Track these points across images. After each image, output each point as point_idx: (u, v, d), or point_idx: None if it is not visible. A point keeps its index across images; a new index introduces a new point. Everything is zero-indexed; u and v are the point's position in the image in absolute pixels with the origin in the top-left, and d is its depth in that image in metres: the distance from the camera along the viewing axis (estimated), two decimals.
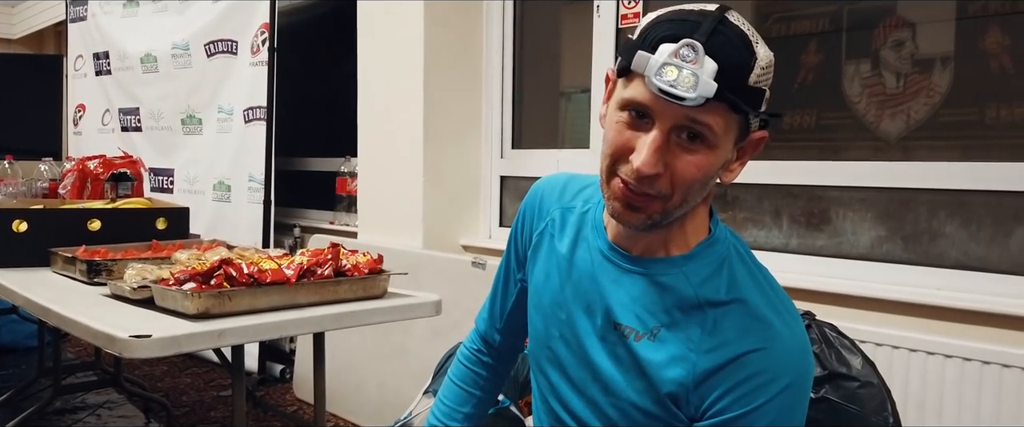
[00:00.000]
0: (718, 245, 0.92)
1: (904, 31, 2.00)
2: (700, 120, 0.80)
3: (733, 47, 0.80)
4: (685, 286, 0.90)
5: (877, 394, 1.13)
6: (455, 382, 1.26)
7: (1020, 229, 1.81)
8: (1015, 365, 1.62)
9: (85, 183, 2.78)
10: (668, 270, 0.91)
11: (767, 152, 2.27)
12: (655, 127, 0.82)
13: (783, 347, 0.84)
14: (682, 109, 0.80)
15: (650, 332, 0.90)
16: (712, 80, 0.78)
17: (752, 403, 0.83)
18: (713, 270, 0.90)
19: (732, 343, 0.85)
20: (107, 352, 1.45)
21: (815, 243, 2.15)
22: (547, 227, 1.07)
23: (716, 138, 0.82)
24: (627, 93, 0.84)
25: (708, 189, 0.89)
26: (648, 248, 0.93)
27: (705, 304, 0.88)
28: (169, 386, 3.45)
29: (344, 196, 3.58)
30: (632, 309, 0.92)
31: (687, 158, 0.82)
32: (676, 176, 0.83)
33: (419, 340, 2.68)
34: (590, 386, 0.97)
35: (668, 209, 0.86)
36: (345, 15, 3.41)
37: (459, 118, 2.98)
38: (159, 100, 3.98)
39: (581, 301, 0.98)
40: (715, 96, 0.78)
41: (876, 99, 2.05)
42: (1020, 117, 1.84)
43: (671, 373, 0.88)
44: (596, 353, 0.95)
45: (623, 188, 0.86)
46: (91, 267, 1.92)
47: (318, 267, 1.69)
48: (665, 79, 0.78)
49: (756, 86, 0.81)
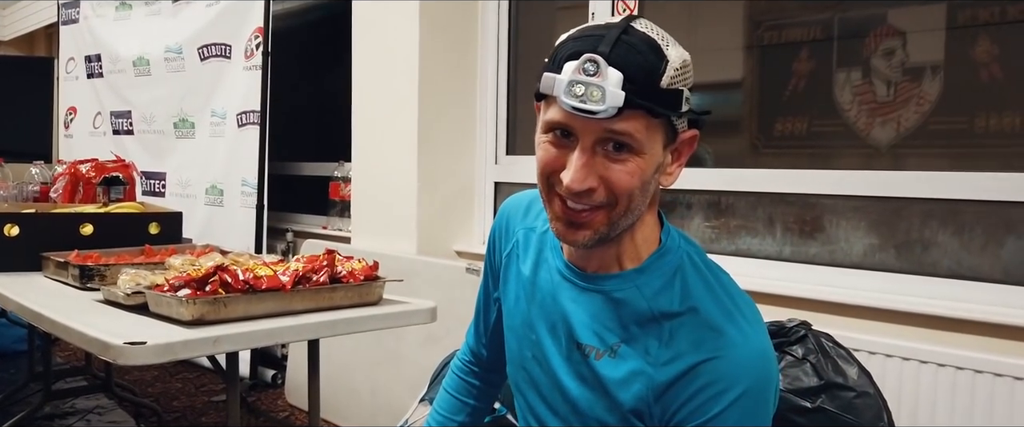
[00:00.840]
0: (669, 255, 0.92)
1: (895, 40, 2.02)
2: (619, 130, 0.81)
3: (638, 54, 0.81)
4: (639, 300, 0.90)
5: (873, 404, 1.14)
6: (449, 392, 1.28)
7: (1012, 238, 1.82)
8: (1007, 374, 1.64)
9: (77, 187, 2.77)
10: (622, 285, 0.92)
11: (760, 160, 2.30)
12: (578, 144, 0.83)
13: (736, 355, 0.84)
14: (599, 123, 0.81)
15: (610, 349, 0.91)
16: (619, 90, 0.78)
17: (709, 413, 0.83)
18: (666, 281, 0.90)
19: (686, 354, 0.86)
20: (98, 357, 1.44)
21: (808, 251, 2.16)
22: (513, 248, 1.08)
23: (641, 145, 0.83)
24: (547, 116, 0.85)
25: (650, 195, 0.89)
26: (602, 264, 0.94)
27: (660, 316, 0.89)
28: (160, 391, 3.43)
29: (337, 201, 3.58)
30: (591, 327, 0.93)
31: (617, 168, 0.83)
32: (612, 186, 0.84)
33: (413, 346, 2.67)
34: (561, 406, 0.98)
35: (613, 218, 0.86)
36: (340, 20, 3.40)
37: (453, 123, 2.98)
38: (151, 103, 3.97)
39: (546, 322, 0.98)
40: (627, 104, 0.79)
41: (867, 107, 2.06)
42: (1009, 126, 1.85)
43: (631, 389, 0.89)
44: (563, 374, 0.96)
45: (563, 207, 0.87)
46: (84, 272, 1.91)
47: (314, 274, 1.69)
48: (574, 96, 0.79)
49: (671, 88, 0.82)
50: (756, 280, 2.13)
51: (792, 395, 1.14)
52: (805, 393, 1.14)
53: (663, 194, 0.96)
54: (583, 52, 0.81)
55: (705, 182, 2.36)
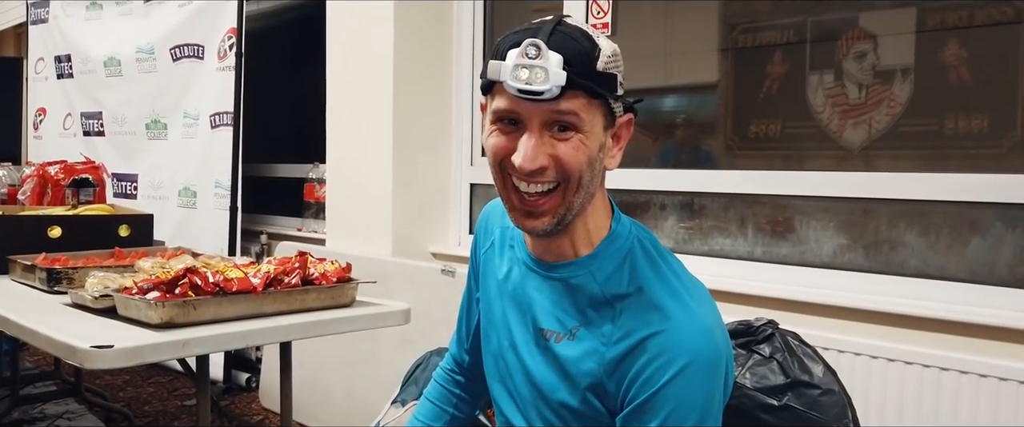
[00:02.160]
0: (619, 240, 0.98)
1: (866, 43, 2.05)
2: (564, 110, 0.87)
3: (574, 40, 0.88)
4: (592, 284, 0.96)
5: (838, 401, 1.16)
6: (430, 400, 1.29)
7: (977, 239, 1.86)
8: (972, 371, 1.66)
9: (45, 189, 2.73)
10: (577, 272, 0.97)
11: (733, 161, 2.32)
12: (527, 128, 0.89)
13: (679, 329, 0.88)
14: (544, 106, 0.86)
15: (569, 332, 0.96)
16: (561, 70, 0.85)
17: (654, 386, 0.87)
18: (616, 265, 0.96)
19: (634, 331, 0.90)
20: (67, 361, 1.42)
21: (779, 251, 2.18)
22: (491, 246, 1.13)
23: (584, 123, 0.88)
24: (495, 105, 0.91)
25: (597, 176, 0.94)
26: (559, 253, 0.99)
27: (611, 299, 0.94)
28: (131, 396, 3.39)
29: (312, 203, 3.56)
30: (553, 313, 0.99)
31: (564, 146, 0.88)
32: (562, 164, 0.89)
33: (388, 348, 2.66)
34: (528, 393, 1.02)
35: (568, 198, 0.91)
36: (314, 20, 3.39)
37: (429, 125, 2.98)
38: (123, 104, 3.92)
39: (517, 311, 1.04)
40: (569, 84, 0.85)
41: (839, 109, 2.09)
42: (977, 128, 1.88)
43: (585, 366, 0.94)
44: (531, 359, 1.01)
45: (519, 198, 0.92)
46: (51, 275, 1.88)
47: (285, 276, 1.68)
48: (519, 79, 0.85)
49: (606, 72, 0.89)
50: (728, 280, 2.15)
51: (759, 393, 1.15)
52: (772, 391, 1.15)
53: (638, 195, 1.01)
54: (524, 40, 0.86)
55: (679, 183, 2.38)
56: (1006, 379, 1.62)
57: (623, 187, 2.44)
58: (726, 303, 2.07)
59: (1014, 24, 1.83)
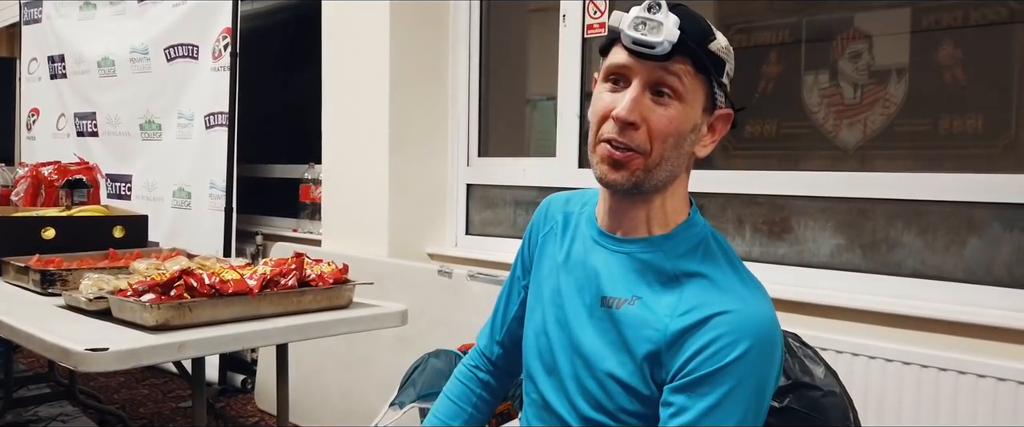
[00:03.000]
0: (696, 228, 1.02)
1: (861, 43, 2.05)
2: (669, 71, 0.93)
3: (693, 18, 0.94)
4: (664, 261, 0.99)
5: (840, 403, 1.16)
6: (449, 397, 1.28)
7: (974, 239, 1.86)
8: (970, 371, 1.67)
9: (39, 190, 2.72)
10: (649, 249, 1.00)
11: (730, 161, 2.32)
12: (632, 84, 0.94)
13: (748, 312, 0.91)
14: (653, 66, 0.93)
15: (631, 299, 0.99)
16: (675, 29, 0.91)
17: (720, 361, 0.89)
18: (690, 247, 0.99)
19: (702, 307, 0.93)
20: (61, 364, 1.41)
21: (777, 252, 2.18)
22: (552, 229, 1.16)
23: (684, 92, 0.94)
24: (609, 61, 0.98)
25: (684, 155, 0.97)
26: (632, 228, 1.02)
27: (681, 275, 0.97)
28: (126, 398, 3.38)
29: (308, 203, 3.55)
30: (616, 282, 1.01)
31: (660, 111, 0.93)
32: (652, 128, 0.93)
33: (385, 349, 2.65)
34: (569, 366, 1.04)
35: (649, 166, 0.95)
36: (309, 20, 3.38)
37: (425, 125, 2.97)
38: (116, 105, 3.90)
39: (574, 285, 1.06)
40: (680, 47, 0.91)
41: (834, 109, 2.09)
42: (972, 128, 1.89)
43: (646, 335, 0.96)
44: (581, 330, 1.03)
45: (607, 149, 0.96)
46: (45, 277, 1.87)
47: (282, 277, 1.67)
48: (635, 29, 0.92)
49: (717, 54, 0.95)
50: None
51: None
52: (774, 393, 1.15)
53: None
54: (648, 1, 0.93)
55: None
56: (1004, 379, 1.63)
57: None
58: None
59: (1008, 24, 1.83)
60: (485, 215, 3.00)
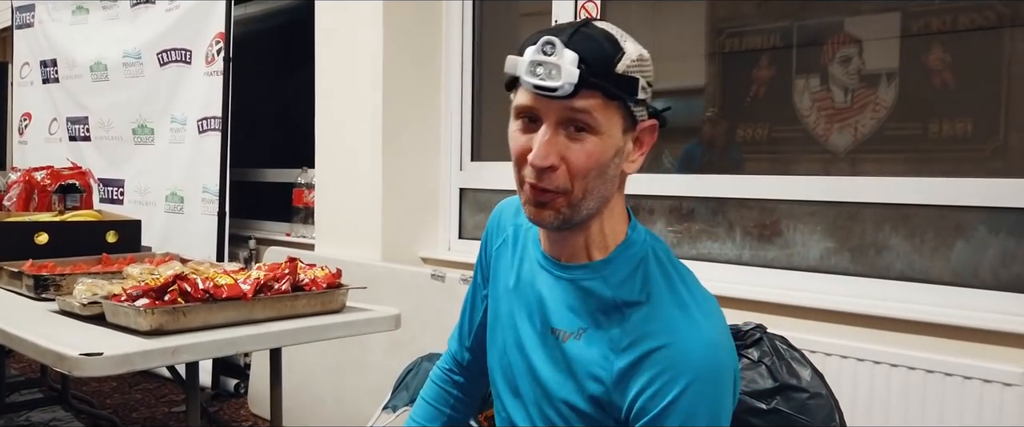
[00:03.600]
0: (634, 247, 0.98)
1: (851, 47, 2.07)
2: (577, 108, 0.88)
3: (594, 41, 0.89)
4: (604, 289, 0.96)
5: (826, 405, 1.17)
6: (426, 401, 1.29)
7: (961, 242, 1.88)
8: (957, 374, 1.68)
9: (32, 195, 2.71)
10: (590, 275, 0.97)
11: (721, 166, 2.33)
12: (543, 125, 0.90)
13: (684, 344, 0.88)
14: (560, 103, 0.88)
15: (576, 333, 0.97)
16: (574, 68, 0.86)
17: (662, 401, 0.87)
18: (629, 272, 0.96)
19: (641, 341, 0.90)
20: (55, 369, 1.42)
21: (767, 255, 2.20)
22: (503, 243, 1.13)
23: (598, 124, 0.89)
24: (516, 102, 0.93)
25: (611, 180, 0.94)
26: (573, 253, 0.99)
27: (622, 305, 0.94)
28: (119, 403, 3.37)
29: (301, 208, 3.55)
30: (563, 313, 0.99)
31: (576, 148, 0.89)
32: (571, 166, 0.90)
33: (378, 353, 2.66)
34: (532, 391, 1.02)
35: (573, 202, 0.92)
36: (302, 25, 3.38)
37: (418, 129, 2.98)
38: (109, 109, 3.90)
39: (525, 309, 1.04)
40: (584, 84, 0.86)
41: (825, 113, 2.11)
42: (961, 132, 1.91)
43: (593, 373, 0.94)
44: (537, 358, 1.01)
45: (530, 188, 0.93)
46: (38, 282, 1.87)
47: (275, 282, 1.68)
48: (534, 74, 0.87)
49: (627, 74, 0.89)
50: (716, 284, 2.14)
51: (748, 397, 1.16)
52: (760, 395, 1.17)
53: (627, 200, 1.00)
54: (542, 37, 0.88)
55: (668, 187, 2.39)
56: (990, 381, 1.64)
57: None
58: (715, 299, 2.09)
59: (996, 28, 1.85)
60: (478, 219, 3.01)
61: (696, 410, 0.87)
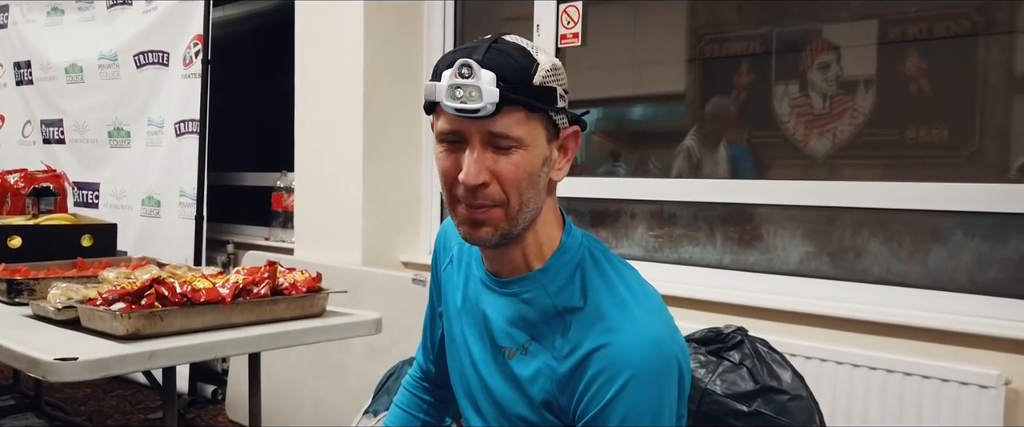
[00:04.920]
0: (569, 252, 0.98)
1: (829, 54, 2.09)
2: (500, 127, 0.89)
3: (509, 57, 0.89)
4: (544, 298, 0.96)
5: (806, 407, 1.18)
6: (400, 407, 1.29)
7: (938, 246, 1.90)
8: (934, 376, 1.70)
9: (5, 198, 2.67)
10: (529, 286, 0.98)
11: (702, 170, 2.35)
12: (468, 145, 0.90)
13: (622, 342, 0.89)
14: (483, 123, 0.88)
15: (521, 348, 0.97)
16: (493, 87, 0.86)
17: (602, 400, 0.88)
18: (567, 278, 0.96)
19: (581, 345, 0.91)
20: (28, 375, 1.39)
21: (747, 259, 2.21)
22: (450, 262, 1.14)
23: (522, 139, 0.90)
24: (438, 126, 0.93)
25: (541, 189, 0.94)
26: (512, 268, 0.99)
27: (563, 311, 0.95)
28: (93, 410, 3.32)
29: (280, 212, 3.52)
30: (506, 329, 0.99)
31: (504, 161, 0.90)
32: (502, 179, 0.90)
33: (358, 358, 2.64)
34: (489, 409, 1.03)
35: (511, 215, 0.92)
36: (282, 27, 3.36)
37: (399, 133, 2.97)
38: (84, 112, 3.85)
39: (475, 329, 1.04)
40: (504, 100, 0.87)
41: (804, 119, 2.13)
42: (937, 138, 1.93)
43: (539, 384, 0.95)
44: (489, 376, 1.02)
45: (464, 209, 0.93)
46: (12, 286, 1.84)
47: (254, 286, 1.66)
48: (455, 98, 0.88)
49: (544, 85, 0.90)
50: (697, 288, 2.17)
51: (729, 399, 1.17)
52: (742, 397, 1.17)
53: (608, 204, 1.01)
54: (457, 60, 0.88)
55: (649, 192, 2.40)
56: (967, 384, 1.66)
57: (593, 196, 2.46)
58: (696, 311, 2.09)
59: (971, 36, 1.88)
60: None
61: (636, 408, 0.87)
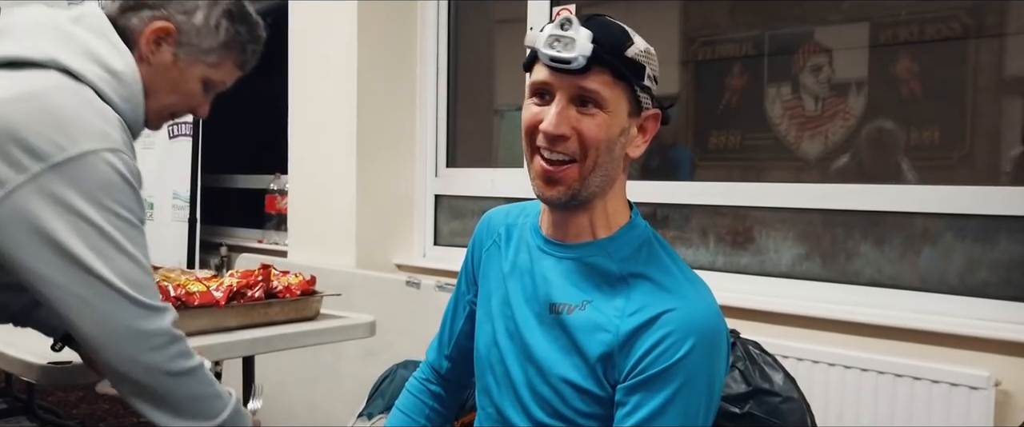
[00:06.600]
0: (637, 229, 1.05)
1: (821, 56, 2.10)
2: (588, 86, 0.95)
3: (607, 27, 0.97)
4: (610, 263, 1.02)
5: (797, 408, 1.18)
6: (401, 410, 1.28)
7: (928, 248, 1.91)
8: (925, 377, 1.71)
9: None
10: (595, 252, 1.03)
11: (696, 172, 2.35)
12: (556, 98, 0.97)
13: (691, 308, 0.95)
14: (573, 79, 0.95)
15: (581, 304, 1.01)
16: (588, 43, 0.93)
17: (669, 359, 0.93)
18: (634, 249, 1.03)
19: (649, 306, 0.96)
20: (20, 378, 1.39)
21: (740, 261, 2.22)
22: (495, 243, 1.17)
23: (607, 102, 0.96)
24: (531, 78, 1.00)
25: (617, 158, 1.00)
26: (577, 233, 1.04)
27: (628, 276, 1.00)
28: (86, 413, 3.30)
29: (273, 214, 3.52)
30: (566, 289, 1.03)
31: (587, 120, 0.96)
32: (582, 136, 0.96)
33: (351, 361, 2.64)
34: (523, 373, 1.05)
35: (584, 174, 0.98)
36: (275, 29, 3.35)
37: (393, 135, 2.97)
38: None
39: (522, 294, 1.08)
40: (596, 60, 0.94)
41: (796, 121, 2.14)
42: (928, 140, 1.94)
43: (599, 338, 0.98)
44: (533, 338, 1.04)
45: (542, 165, 0.99)
46: None
47: (248, 289, 1.66)
48: (550, 46, 0.95)
49: (635, 59, 0.97)
50: None
51: (721, 401, 1.17)
52: (734, 399, 1.18)
53: None
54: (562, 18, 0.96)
55: (642, 194, 2.41)
56: (957, 385, 1.67)
57: None
58: None
59: (962, 40, 1.90)
60: (453, 225, 3.01)
61: (699, 370, 0.93)
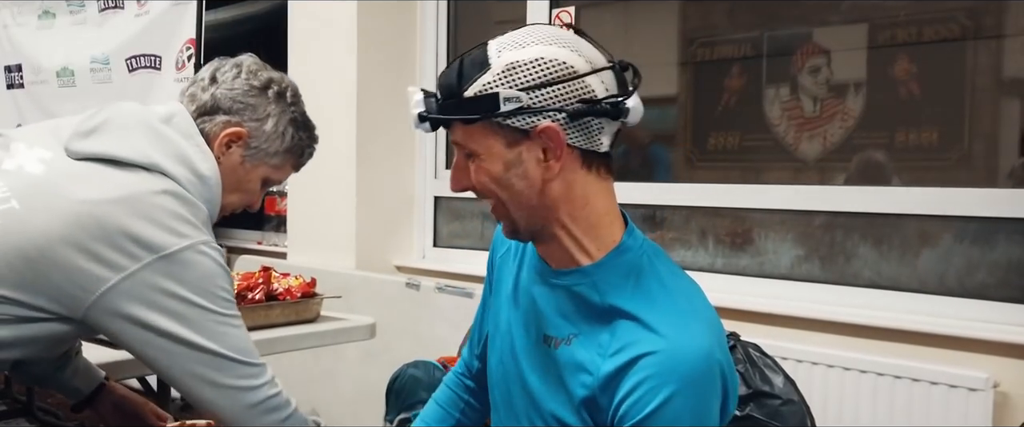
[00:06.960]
0: (627, 254, 0.97)
1: (820, 58, 2.10)
2: (456, 140, 0.97)
3: (449, 74, 0.95)
4: (593, 294, 0.96)
5: (798, 411, 1.19)
6: (438, 403, 1.28)
7: (927, 250, 1.91)
8: (924, 379, 1.72)
9: None
10: (580, 280, 0.97)
11: (693, 173, 2.36)
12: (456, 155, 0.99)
13: (673, 351, 0.87)
14: (453, 136, 0.96)
15: (566, 339, 0.97)
16: (420, 106, 0.96)
17: (645, 408, 0.87)
18: (621, 277, 0.95)
19: (630, 346, 0.90)
20: None
21: (739, 263, 2.22)
22: (507, 251, 1.14)
23: (476, 148, 0.95)
24: None
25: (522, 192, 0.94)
26: (560, 261, 0.99)
27: (611, 310, 0.94)
28: (86, 415, 3.30)
29: (273, 216, 3.52)
30: (554, 319, 0.99)
31: (473, 169, 0.96)
32: (474, 186, 0.97)
33: (351, 363, 2.64)
34: (522, 400, 1.02)
35: (510, 214, 0.97)
36: (275, 31, 3.36)
37: (393, 137, 2.97)
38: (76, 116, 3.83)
39: (521, 320, 1.05)
40: (444, 112, 0.94)
41: (795, 122, 2.14)
42: (927, 141, 1.95)
43: (581, 378, 0.94)
44: (527, 368, 1.02)
45: None
46: None
47: (249, 291, 1.66)
48: None
49: (481, 94, 0.91)
50: None
51: None
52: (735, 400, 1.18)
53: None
54: None
55: (641, 196, 2.41)
56: (955, 386, 1.68)
57: None
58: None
59: (960, 41, 1.90)
60: (453, 227, 3.01)
61: (680, 419, 0.86)
